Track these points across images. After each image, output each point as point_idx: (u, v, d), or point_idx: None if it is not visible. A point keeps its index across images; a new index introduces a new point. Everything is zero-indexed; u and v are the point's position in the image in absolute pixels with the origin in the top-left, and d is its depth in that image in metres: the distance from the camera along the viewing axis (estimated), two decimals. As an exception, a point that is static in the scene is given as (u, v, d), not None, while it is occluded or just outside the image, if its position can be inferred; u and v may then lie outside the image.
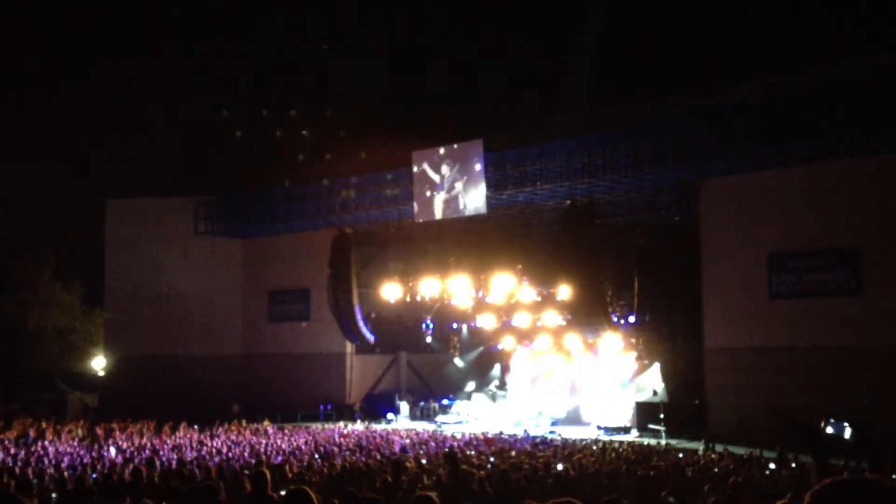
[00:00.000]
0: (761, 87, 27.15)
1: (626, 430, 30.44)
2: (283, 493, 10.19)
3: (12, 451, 20.98)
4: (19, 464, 17.73)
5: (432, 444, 23.21)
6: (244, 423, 30.95)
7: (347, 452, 20.74)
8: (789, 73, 27.18)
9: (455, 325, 39.70)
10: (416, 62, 44.26)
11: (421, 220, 33.77)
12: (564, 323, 34.64)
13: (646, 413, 30.47)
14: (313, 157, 38.51)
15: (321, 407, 37.12)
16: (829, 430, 23.24)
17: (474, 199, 31.88)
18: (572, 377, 35.21)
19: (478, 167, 31.78)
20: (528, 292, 34.75)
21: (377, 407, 37.94)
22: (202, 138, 43.17)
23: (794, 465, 17.79)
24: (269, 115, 40.58)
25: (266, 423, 31.63)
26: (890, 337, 24.84)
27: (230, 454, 19.92)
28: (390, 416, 36.57)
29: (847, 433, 23.12)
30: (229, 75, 45.25)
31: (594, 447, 22.50)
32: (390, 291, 36.81)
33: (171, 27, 48.03)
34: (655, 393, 31.89)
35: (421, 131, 35.18)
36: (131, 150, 48.58)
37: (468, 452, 20.12)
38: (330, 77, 44.95)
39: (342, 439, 24.75)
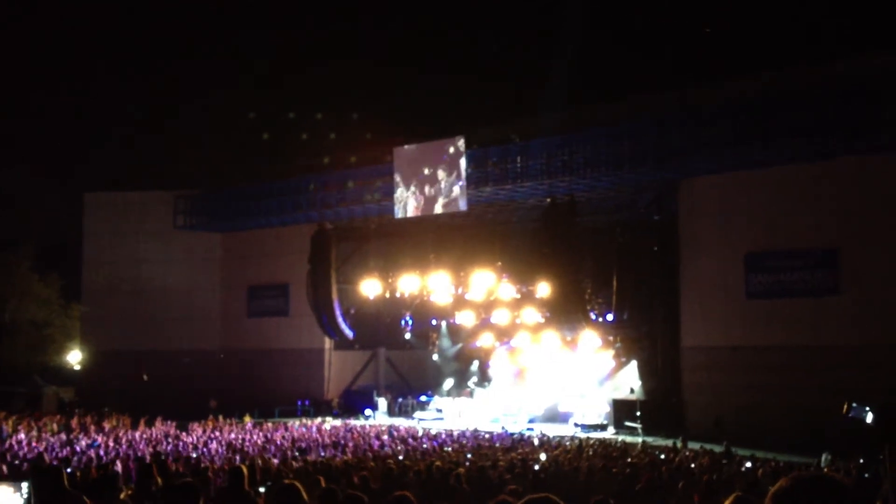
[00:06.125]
0: (742, 87, 27.32)
1: (603, 428, 30.55)
2: (261, 489, 10.19)
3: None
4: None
5: (410, 440, 23.20)
6: (221, 418, 30.81)
7: (322, 450, 20.70)
8: (770, 74, 27.37)
9: (434, 322, 39.65)
10: (398, 59, 44.22)
11: (401, 217, 33.73)
12: (543, 320, 34.67)
13: (622, 410, 30.61)
14: (295, 153, 38.39)
15: (299, 403, 37.01)
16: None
17: (455, 195, 31.88)
18: (550, 375, 35.27)
19: (459, 164, 31.77)
20: (507, 289, 34.76)
21: (355, 403, 37.88)
22: (182, 132, 42.94)
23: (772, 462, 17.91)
24: (251, 111, 40.44)
25: (247, 418, 31.50)
26: (866, 336, 25.06)
27: (206, 450, 19.84)
28: (368, 412, 36.50)
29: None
30: (211, 71, 45.04)
31: (570, 444, 22.56)
32: (370, 287, 36.73)
33: (151, 23, 47.69)
34: (632, 391, 32.01)
35: (402, 127, 35.12)
36: (111, 143, 48.25)
37: (445, 449, 20.16)
38: (312, 74, 44.78)
39: (319, 435, 24.69)
